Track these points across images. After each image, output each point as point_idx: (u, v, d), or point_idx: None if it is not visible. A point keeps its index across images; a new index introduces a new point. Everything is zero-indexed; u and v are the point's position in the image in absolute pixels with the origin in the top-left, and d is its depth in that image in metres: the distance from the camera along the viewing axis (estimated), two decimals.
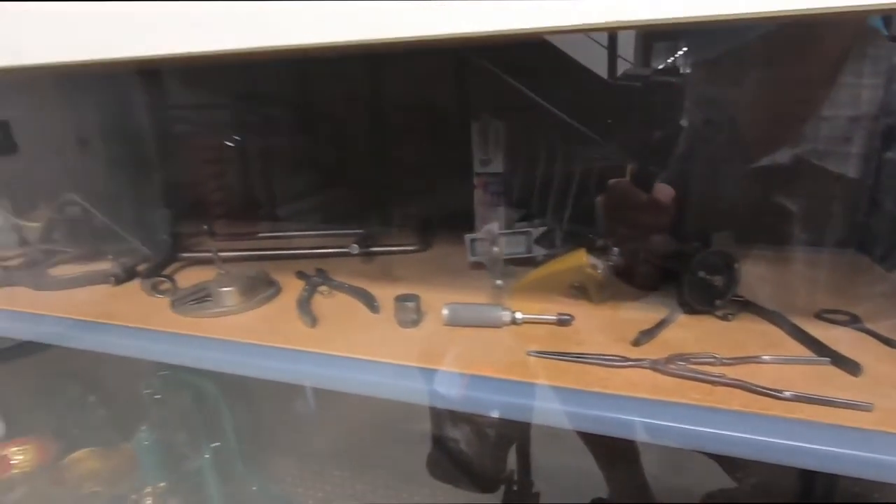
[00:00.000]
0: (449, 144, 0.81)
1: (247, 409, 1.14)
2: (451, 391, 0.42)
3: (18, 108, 0.98)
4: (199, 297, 0.56)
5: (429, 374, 0.43)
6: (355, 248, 0.66)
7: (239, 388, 1.12)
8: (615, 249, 0.56)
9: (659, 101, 0.81)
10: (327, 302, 0.58)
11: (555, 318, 0.49)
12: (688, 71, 0.80)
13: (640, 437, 0.37)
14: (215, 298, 0.56)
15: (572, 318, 0.49)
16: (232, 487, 1.13)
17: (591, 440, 0.93)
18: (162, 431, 0.99)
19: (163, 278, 0.60)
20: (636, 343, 0.45)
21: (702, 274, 0.48)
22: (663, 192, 0.58)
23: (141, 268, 0.67)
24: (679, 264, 0.51)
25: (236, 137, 0.85)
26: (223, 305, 0.55)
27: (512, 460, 0.95)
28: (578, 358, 0.43)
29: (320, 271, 0.65)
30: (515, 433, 0.92)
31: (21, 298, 0.62)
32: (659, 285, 0.55)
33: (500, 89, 0.83)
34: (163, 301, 0.59)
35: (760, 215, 0.65)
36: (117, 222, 0.68)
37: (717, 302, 0.49)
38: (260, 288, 0.59)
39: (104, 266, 0.66)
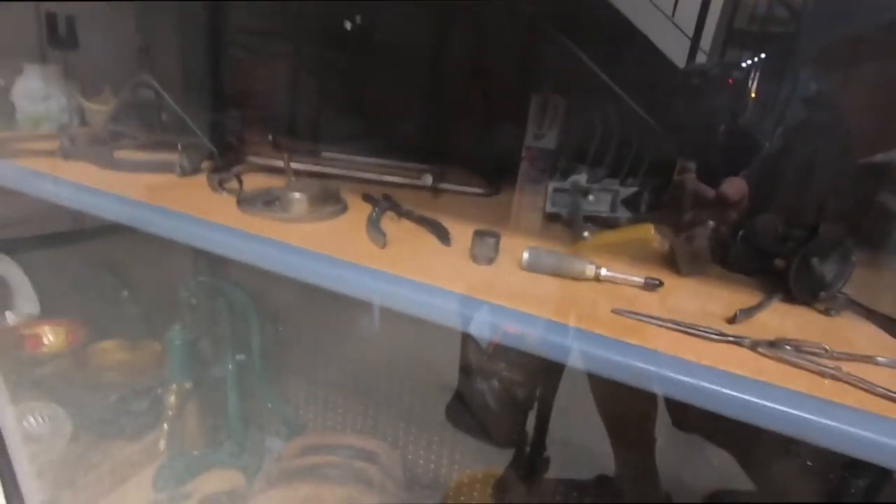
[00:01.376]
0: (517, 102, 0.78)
1: (272, 330, 1.15)
2: (526, 332, 0.39)
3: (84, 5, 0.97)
4: (268, 200, 0.54)
5: (503, 311, 0.41)
6: (429, 179, 0.63)
7: (268, 309, 1.12)
8: (710, 223, 0.52)
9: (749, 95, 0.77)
10: (396, 227, 0.56)
11: (642, 280, 0.46)
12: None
13: (735, 414, 0.34)
14: (284, 203, 0.53)
15: (661, 283, 0.46)
16: (249, 400, 1.15)
17: (612, 422, 0.92)
18: (193, 334, 1.00)
19: (230, 175, 0.58)
20: (732, 320, 0.42)
21: (814, 261, 0.44)
22: (733, 186, 0.54)
23: (206, 164, 0.65)
24: (783, 249, 0.47)
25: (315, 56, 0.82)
26: (291, 212, 0.53)
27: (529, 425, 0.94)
28: (670, 324, 0.40)
29: (387, 197, 0.62)
30: (541, 397, 0.91)
31: (85, 174, 0.60)
32: (751, 268, 0.52)
33: (570, 64, 0.79)
34: (228, 198, 0.57)
35: (863, 214, 0.60)
36: (186, 114, 0.65)
37: (822, 294, 0.45)
38: (328, 202, 0.56)
39: (170, 156, 0.65)
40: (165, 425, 0.97)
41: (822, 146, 0.67)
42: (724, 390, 0.34)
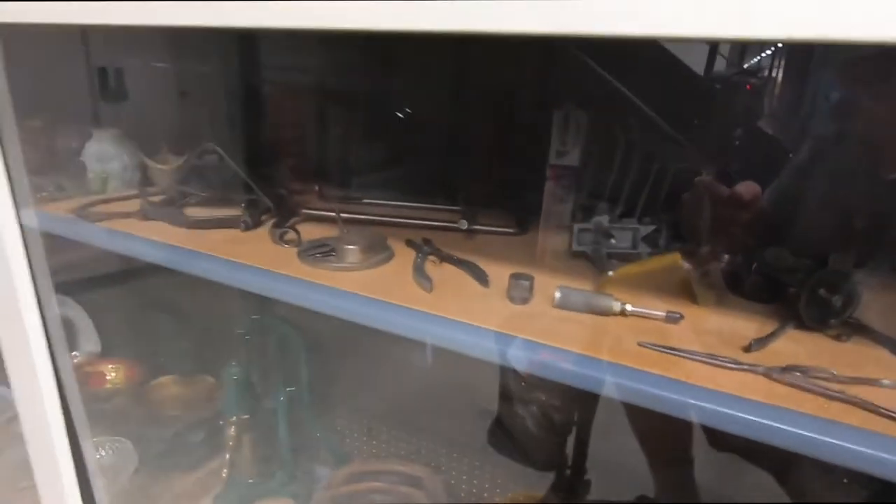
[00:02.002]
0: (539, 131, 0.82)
1: (319, 364, 1.21)
2: (561, 365, 0.45)
3: (129, 58, 1.07)
4: (325, 251, 0.61)
5: (540, 347, 0.46)
6: (464, 224, 0.69)
7: (314, 344, 1.19)
8: (725, 256, 0.57)
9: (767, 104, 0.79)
10: (438, 271, 0.62)
11: (663, 314, 0.51)
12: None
13: (751, 435, 0.38)
14: (339, 254, 0.60)
15: (682, 316, 0.51)
16: (298, 431, 1.21)
17: (648, 442, 0.94)
18: (247, 369, 1.08)
19: (289, 230, 0.65)
20: (748, 349, 0.46)
21: (822, 292, 0.48)
22: (746, 187, 0.58)
23: (265, 218, 0.73)
24: (794, 279, 0.52)
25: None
26: (346, 261, 0.60)
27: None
28: (691, 355, 0.45)
29: (428, 241, 0.69)
30: (579, 421, 0.94)
31: (164, 232, 0.69)
32: (766, 298, 0.56)
33: (587, 78, 0.82)
34: (289, 250, 0.64)
35: (884, 235, 0.63)
36: (241, 170, 0.73)
37: (832, 321, 0.49)
38: (377, 250, 0.63)
39: (232, 212, 0.73)
40: (228, 455, 1.04)
41: (844, 161, 0.69)
42: (739, 414, 0.39)
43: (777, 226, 0.62)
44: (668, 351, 0.46)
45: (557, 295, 0.53)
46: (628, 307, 0.52)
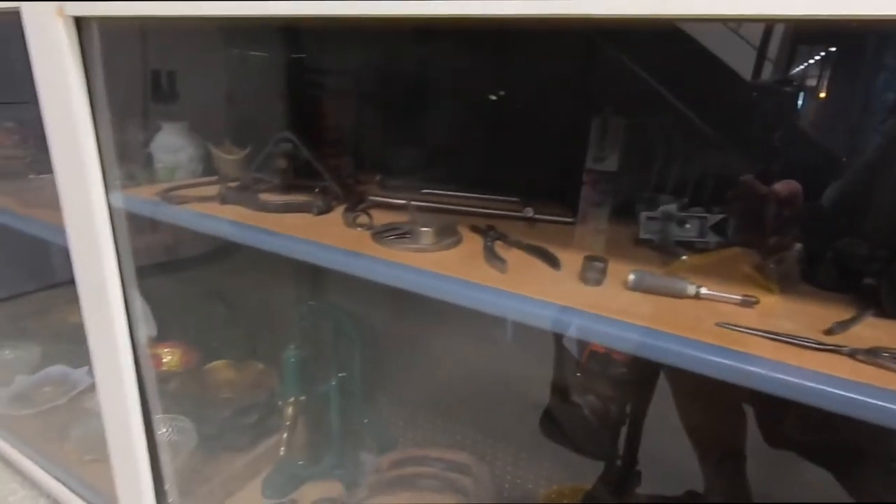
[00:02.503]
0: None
1: (370, 350, 1.25)
2: (646, 342, 0.46)
3: (180, 61, 1.11)
4: (399, 234, 0.63)
5: (624, 325, 0.48)
6: (529, 212, 0.71)
7: (366, 331, 1.22)
8: (798, 245, 0.57)
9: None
10: (506, 255, 0.64)
11: (739, 298, 0.52)
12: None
13: (841, 410, 0.39)
14: (414, 236, 0.63)
15: (757, 300, 0.52)
16: (348, 416, 1.25)
17: (700, 437, 0.94)
18: (304, 353, 1.12)
19: (361, 213, 0.68)
20: (829, 332, 0.47)
21: None
22: (786, 185, 0.59)
23: (333, 204, 0.76)
24: (870, 268, 0.52)
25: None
26: (420, 243, 0.62)
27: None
28: (771, 335, 0.46)
29: (492, 228, 0.70)
30: (632, 413, 0.95)
31: (242, 215, 0.72)
32: (840, 287, 0.56)
33: (630, 83, 0.83)
34: (362, 233, 0.67)
35: None
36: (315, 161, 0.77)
37: None
38: (448, 234, 0.65)
39: (302, 198, 0.76)
40: (285, 435, 1.08)
41: None
42: (831, 390, 0.39)
43: (850, 217, 0.62)
44: (749, 331, 0.47)
45: (632, 277, 0.54)
46: (703, 290, 0.53)
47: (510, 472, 1.24)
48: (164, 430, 1.20)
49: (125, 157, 1.10)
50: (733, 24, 0.81)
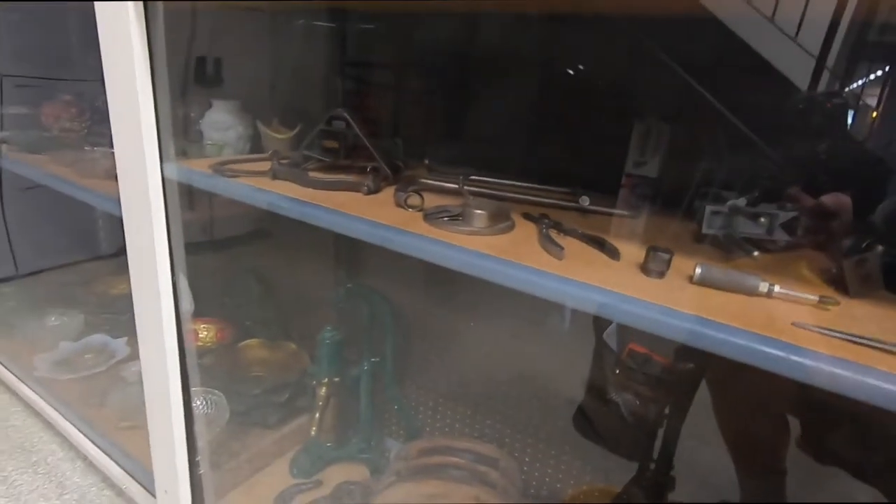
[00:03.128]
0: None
1: (402, 337, 1.24)
2: (721, 337, 0.44)
3: (234, 42, 1.12)
4: (451, 216, 0.62)
5: (694, 318, 0.45)
6: (586, 201, 0.69)
7: (401, 317, 1.22)
8: (879, 247, 0.53)
9: None
10: (563, 243, 0.62)
11: (816, 298, 0.49)
12: None
13: None
14: (467, 218, 0.61)
15: (837, 302, 0.49)
16: (378, 401, 1.25)
17: (740, 449, 0.91)
18: (339, 335, 1.12)
19: (413, 194, 0.67)
20: None
21: None
22: (834, 198, 0.59)
23: (382, 185, 0.75)
24: None
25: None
26: (474, 225, 0.61)
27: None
28: (856, 338, 0.43)
29: (545, 216, 0.69)
30: (670, 415, 0.92)
31: (293, 191, 0.72)
32: None
33: (679, 87, 0.81)
34: (413, 214, 0.66)
35: None
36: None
37: None
38: (501, 218, 0.64)
39: (351, 177, 0.75)
40: (317, 415, 1.08)
41: None
42: None
43: None
44: (832, 333, 0.44)
45: (698, 270, 0.52)
46: (776, 288, 0.50)
47: (538, 469, 1.23)
48: (199, 402, 1.22)
49: (177, 132, 1.12)
50: (790, 32, 0.79)
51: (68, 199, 1.15)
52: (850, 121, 0.77)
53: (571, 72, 0.94)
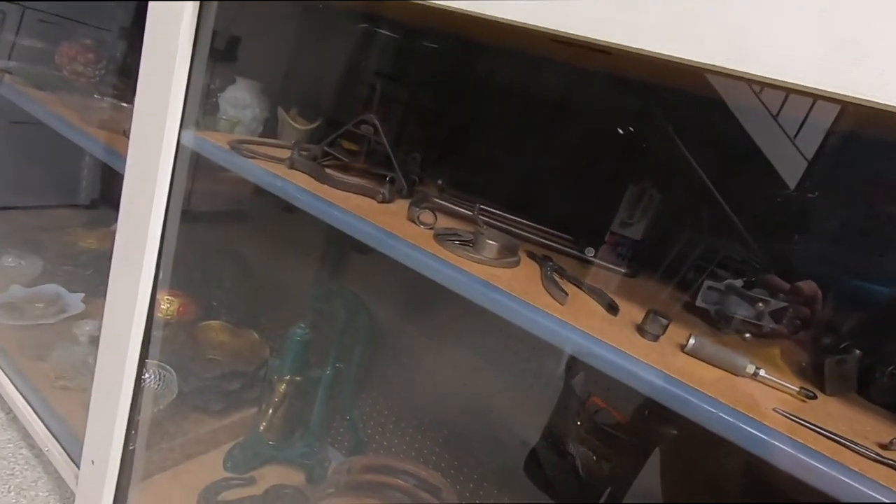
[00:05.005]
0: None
1: (370, 348, 1.23)
2: (709, 410, 0.45)
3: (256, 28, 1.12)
4: (462, 240, 0.63)
5: (683, 385, 0.47)
6: (591, 251, 0.71)
7: (372, 329, 1.21)
8: (857, 351, 0.57)
9: None
10: (565, 289, 0.63)
11: (797, 388, 0.52)
12: None
13: None
14: (478, 246, 0.62)
15: (815, 395, 0.51)
16: (332, 408, 1.23)
17: None
18: (311, 334, 1.10)
19: (426, 211, 0.68)
20: (887, 446, 0.46)
21: None
22: (807, 284, 0.61)
23: (396, 196, 0.76)
24: None
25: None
26: (482, 254, 0.62)
27: None
28: (830, 433, 0.45)
29: (549, 259, 0.70)
30: (619, 476, 0.94)
31: (307, 183, 0.72)
32: (891, 404, 0.56)
33: (675, 160, 0.85)
34: (423, 231, 0.67)
35: None
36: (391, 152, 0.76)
37: None
38: (509, 253, 0.65)
39: (368, 183, 0.76)
40: (270, 411, 1.06)
41: None
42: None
43: None
44: (808, 424, 0.46)
45: (692, 341, 0.54)
46: (762, 372, 0.52)
47: None
48: (149, 376, 1.17)
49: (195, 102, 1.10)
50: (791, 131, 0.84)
51: (55, 142, 1.12)
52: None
53: (590, 124, 0.97)
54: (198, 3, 0.62)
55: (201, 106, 0.94)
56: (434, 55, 1.00)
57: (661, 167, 0.87)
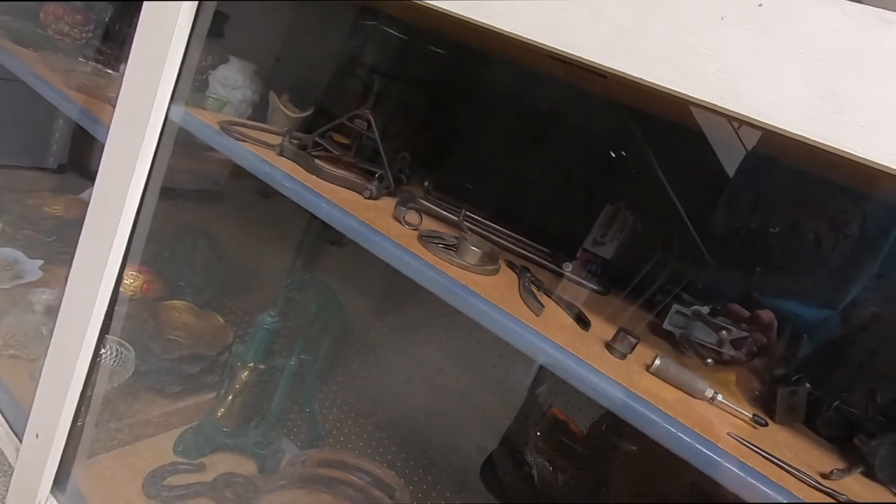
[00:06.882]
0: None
1: (338, 342, 1.23)
2: (668, 429, 0.47)
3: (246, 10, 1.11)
4: (446, 244, 0.64)
5: (648, 405, 0.49)
6: (569, 267, 0.73)
7: (342, 323, 1.21)
8: (807, 385, 0.60)
9: None
10: (541, 300, 0.65)
11: (750, 415, 0.54)
12: None
13: None
14: (460, 251, 0.63)
15: (766, 423, 0.54)
16: (292, 399, 1.21)
17: None
18: (280, 323, 1.09)
19: (412, 211, 0.69)
20: (827, 476, 0.49)
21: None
22: (766, 313, 0.65)
23: (383, 193, 0.76)
24: (872, 425, 0.55)
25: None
26: (465, 259, 0.63)
27: None
28: (779, 460, 0.48)
29: (527, 269, 0.72)
30: (578, 489, 0.96)
31: (295, 172, 0.72)
32: (831, 436, 0.59)
33: (652, 185, 0.88)
34: (408, 231, 0.67)
35: None
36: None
37: None
38: (490, 261, 0.66)
39: (355, 177, 0.76)
40: (230, 396, 1.04)
41: None
42: None
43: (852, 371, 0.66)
44: (759, 450, 0.49)
45: (658, 362, 0.56)
46: (719, 397, 0.55)
47: None
48: (106, 351, 1.14)
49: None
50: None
51: (29, 101, 1.08)
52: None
53: (575, 141, 1.00)
54: None
55: (192, 82, 0.92)
56: (433, 58, 1.01)
57: (637, 190, 0.90)
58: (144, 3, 0.66)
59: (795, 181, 0.80)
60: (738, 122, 0.75)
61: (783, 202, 0.83)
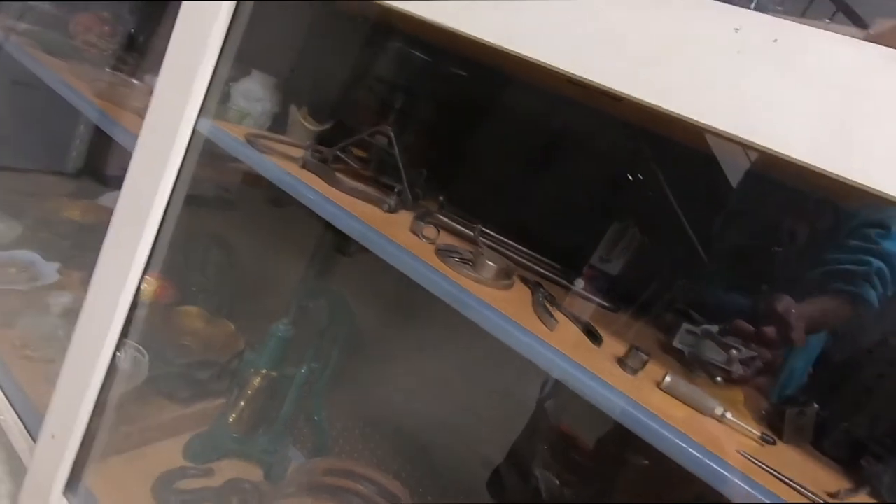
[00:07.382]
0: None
1: (350, 352, 1.24)
2: (679, 446, 0.49)
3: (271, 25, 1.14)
4: (463, 258, 0.66)
5: (655, 417, 0.50)
6: (580, 284, 0.74)
7: (354, 334, 1.22)
8: (815, 405, 0.61)
9: None
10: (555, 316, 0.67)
11: (759, 434, 0.55)
12: None
13: None
14: (477, 266, 0.65)
15: (775, 442, 0.55)
16: (301, 407, 1.22)
17: None
18: (293, 331, 1.11)
19: (430, 226, 0.70)
20: (835, 496, 0.50)
21: None
22: (771, 330, 0.64)
23: (400, 207, 0.78)
24: (880, 447, 0.56)
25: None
26: (481, 274, 0.65)
27: None
28: (787, 479, 0.49)
29: (540, 285, 0.73)
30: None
31: (317, 184, 0.74)
32: (838, 457, 0.60)
33: (662, 205, 0.89)
34: (425, 244, 0.69)
35: None
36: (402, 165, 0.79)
37: None
38: (506, 276, 0.68)
39: (374, 191, 0.78)
40: (242, 403, 1.05)
41: None
42: None
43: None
44: (768, 469, 0.50)
45: (668, 379, 0.57)
46: (728, 415, 0.56)
47: None
48: (122, 355, 1.15)
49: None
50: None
51: (52, 107, 1.10)
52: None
53: (588, 161, 1.02)
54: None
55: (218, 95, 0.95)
56: (450, 76, 1.03)
57: (646, 209, 0.91)
58: (183, 3, 0.68)
59: (800, 200, 0.82)
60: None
61: (787, 221, 0.84)
